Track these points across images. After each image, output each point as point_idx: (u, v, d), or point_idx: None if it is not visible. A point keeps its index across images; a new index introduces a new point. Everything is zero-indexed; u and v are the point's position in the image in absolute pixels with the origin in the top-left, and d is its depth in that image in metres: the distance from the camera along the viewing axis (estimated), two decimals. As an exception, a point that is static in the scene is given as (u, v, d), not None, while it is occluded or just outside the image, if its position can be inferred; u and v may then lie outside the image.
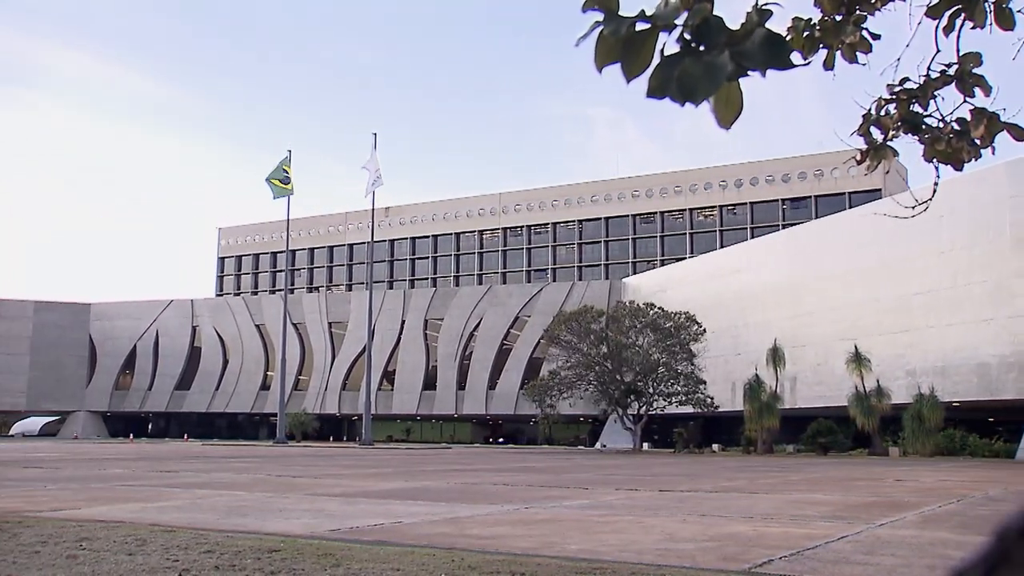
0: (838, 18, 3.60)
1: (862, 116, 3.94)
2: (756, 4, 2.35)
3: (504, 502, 13.44)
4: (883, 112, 3.88)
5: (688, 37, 1.95)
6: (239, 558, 7.09)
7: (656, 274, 73.72)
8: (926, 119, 3.83)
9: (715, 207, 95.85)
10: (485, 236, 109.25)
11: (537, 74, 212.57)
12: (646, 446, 57.72)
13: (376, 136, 60.95)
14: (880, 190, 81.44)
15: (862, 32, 3.61)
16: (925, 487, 18.65)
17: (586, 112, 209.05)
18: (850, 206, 74.66)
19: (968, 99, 3.72)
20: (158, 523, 9.75)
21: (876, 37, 3.64)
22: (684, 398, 53.69)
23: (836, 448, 48.21)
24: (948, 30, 3.54)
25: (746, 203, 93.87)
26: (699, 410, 54.25)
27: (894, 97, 3.85)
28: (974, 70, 3.67)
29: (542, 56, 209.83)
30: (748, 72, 1.96)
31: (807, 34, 3.63)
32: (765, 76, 1.98)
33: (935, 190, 4.18)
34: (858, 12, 3.60)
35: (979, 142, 3.71)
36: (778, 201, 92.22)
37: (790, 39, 3.58)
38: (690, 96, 1.89)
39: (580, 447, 67.91)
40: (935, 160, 3.80)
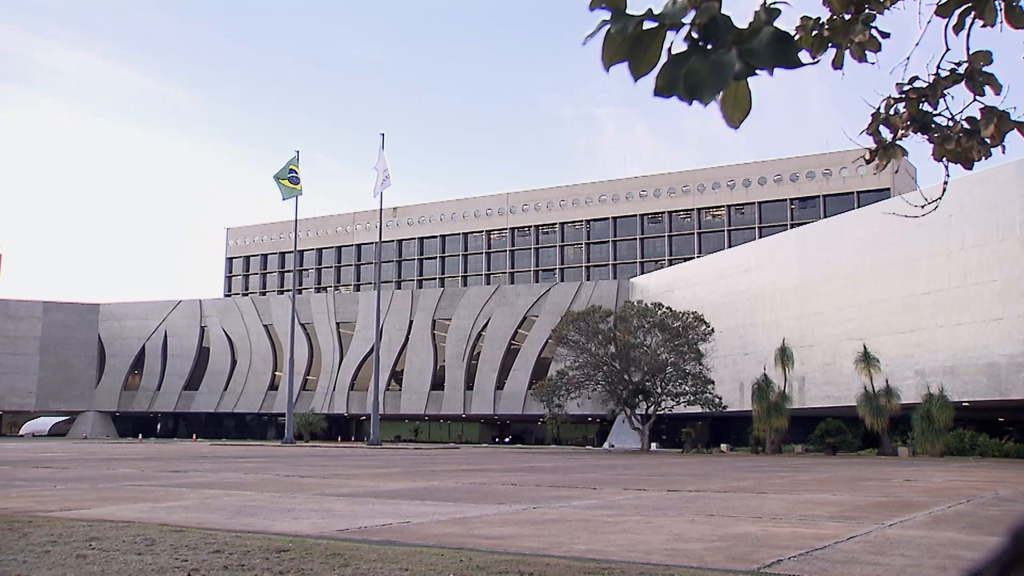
0: (847, 17, 3.58)
1: (871, 115, 3.92)
2: (764, 3, 2.34)
3: (512, 502, 13.44)
4: (892, 111, 3.86)
5: (695, 36, 1.95)
6: (248, 558, 7.10)
7: (664, 274, 73.60)
8: (936, 118, 3.81)
9: (723, 207, 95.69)
10: (493, 236, 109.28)
11: (545, 74, 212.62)
12: (654, 446, 57.65)
13: (384, 136, 61.04)
14: (889, 189, 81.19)
15: (871, 31, 3.59)
16: (934, 487, 18.58)
17: (594, 112, 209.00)
18: (859, 205, 74.53)
19: (978, 98, 3.70)
20: (167, 523, 9.78)
21: (885, 36, 3.62)
22: (692, 398, 53.61)
23: (845, 448, 48.08)
24: (958, 28, 3.53)
25: (754, 203, 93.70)
26: (707, 410, 54.16)
27: (903, 96, 3.83)
28: (984, 68, 3.65)
29: (550, 56, 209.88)
30: (756, 71, 1.95)
31: (816, 33, 3.62)
32: (773, 75, 1.98)
33: (945, 189, 4.16)
34: (867, 11, 3.58)
35: (989, 141, 3.69)
36: (786, 200, 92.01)
37: (799, 38, 3.57)
38: (697, 94, 1.89)
39: (588, 447, 67.87)
40: (945, 159, 3.78)
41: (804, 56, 3.52)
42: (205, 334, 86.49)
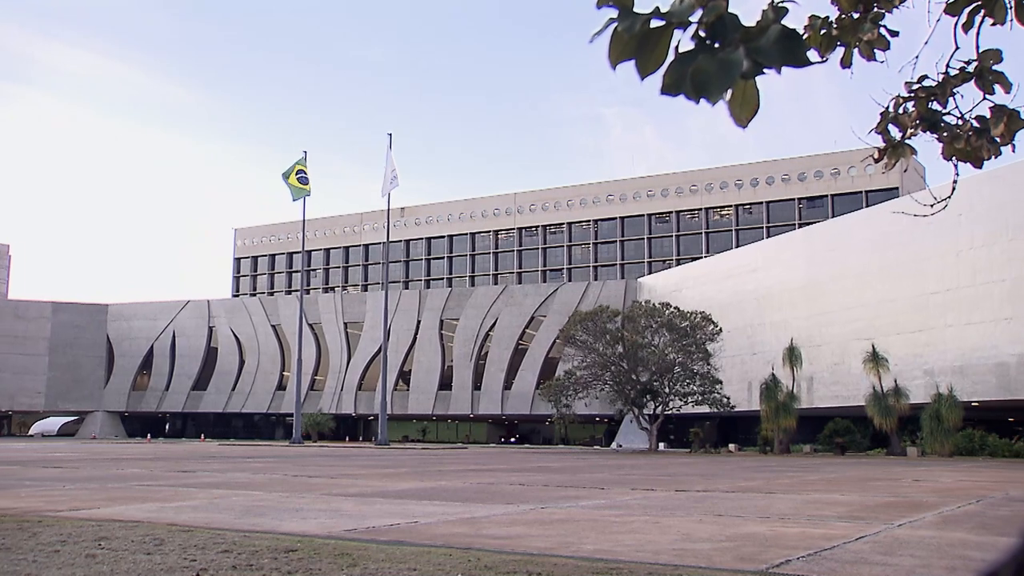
0: (856, 15, 3.57)
1: (880, 114, 3.91)
2: (772, 1, 2.34)
3: (520, 502, 13.43)
4: (901, 110, 3.84)
5: (703, 34, 1.94)
6: (256, 558, 7.11)
7: (672, 274, 73.52)
8: (945, 117, 3.79)
9: (731, 206, 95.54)
10: (500, 236, 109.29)
11: (552, 74, 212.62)
12: (662, 446, 57.58)
13: (391, 136, 61.02)
14: (897, 189, 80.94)
15: (880, 29, 3.58)
16: (944, 487, 18.51)
17: (601, 112, 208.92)
18: (867, 205, 74.34)
19: (988, 96, 3.68)
20: (175, 523, 9.80)
21: (894, 34, 3.61)
22: (700, 398, 53.52)
23: (854, 448, 47.95)
24: (967, 27, 3.51)
25: (762, 202, 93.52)
26: (715, 410, 54.06)
27: (912, 95, 3.82)
28: (994, 67, 3.63)
29: (557, 56, 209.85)
30: (764, 70, 1.94)
31: (824, 32, 3.60)
32: (781, 73, 1.97)
33: (954, 188, 4.14)
34: (876, 9, 3.57)
35: (999, 140, 3.67)
36: (794, 200, 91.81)
37: (807, 37, 3.56)
38: (704, 93, 1.88)
39: (596, 447, 67.83)
40: (954, 158, 3.76)
41: (812, 55, 3.51)
42: (213, 334, 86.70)
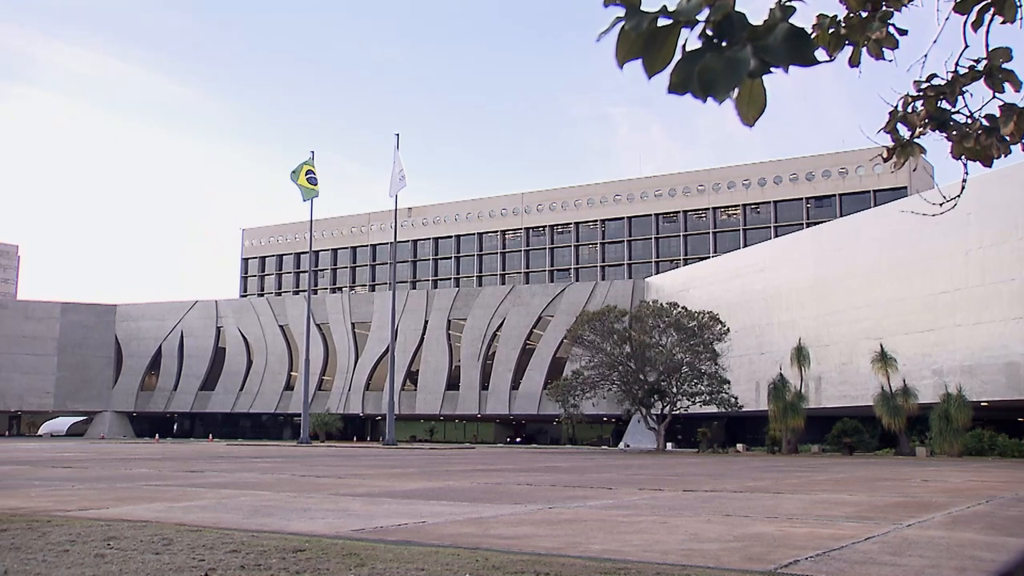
0: (864, 14, 3.56)
1: (889, 113, 3.89)
2: (779, 0, 2.33)
3: (528, 502, 13.43)
4: (910, 109, 3.83)
5: (710, 33, 1.94)
6: (264, 558, 7.12)
7: (679, 273, 73.42)
8: (954, 115, 3.78)
9: (738, 206, 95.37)
10: (508, 236, 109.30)
11: (559, 74, 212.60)
12: (670, 446, 57.52)
13: (399, 137, 61.05)
14: (906, 188, 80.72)
15: (889, 28, 3.56)
16: (953, 487, 18.44)
17: (608, 111, 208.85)
18: (875, 204, 74.08)
19: (997, 95, 3.66)
20: (184, 523, 9.82)
21: (903, 33, 3.59)
22: (708, 398, 53.44)
23: (862, 448, 47.81)
24: (977, 25, 3.49)
25: (770, 202, 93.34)
26: (723, 410, 53.98)
27: (921, 93, 3.80)
28: (1004, 65, 3.61)
29: (564, 56, 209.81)
30: (771, 69, 1.94)
31: (832, 31, 3.59)
32: (788, 72, 1.96)
33: (963, 187, 4.13)
34: (884, 8, 3.55)
35: (1008, 138, 3.66)
36: (802, 200, 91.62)
37: (816, 36, 3.54)
38: (711, 91, 1.88)
39: (603, 447, 67.78)
40: (964, 157, 3.75)
41: (821, 54, 3.50)
42: (221, 334, 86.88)
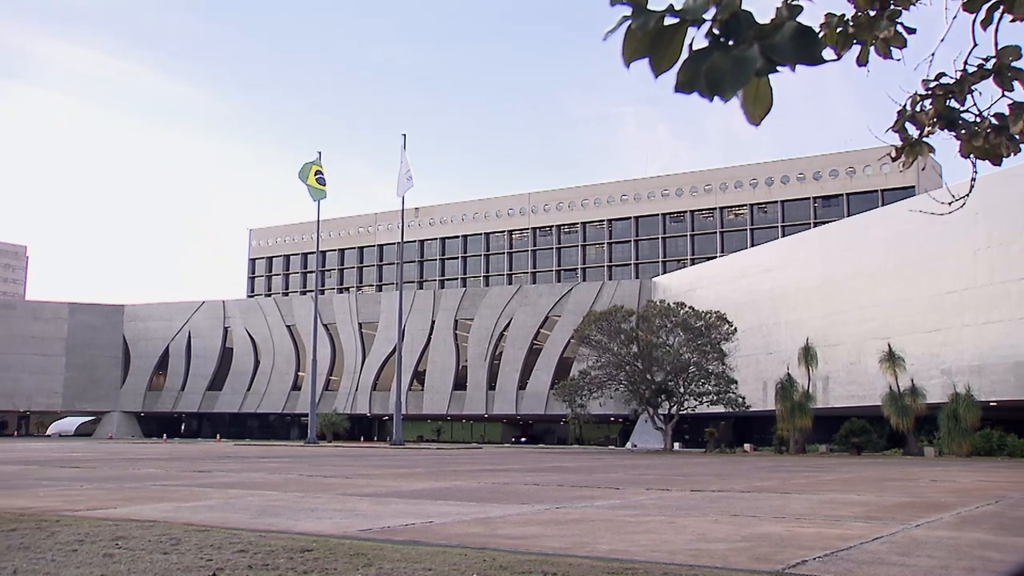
0: (872, 13, 3.54)
1: (897, 112, 3.88)
2: (787, -1, 2.32)
3: (535, 502, 13.42)
4: (918, 108, 3.81)
5: (716, 31, 1.93)
6: (272, 557, 7.13)
7: (686, 273, 73.33)
8: (963, 114, 3.76)
9: (746, 206, 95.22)
10: (514, 236, 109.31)
11: (565, 73, 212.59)
12: (677, 446, 57.45)
13: (405, 137, 61.06)
14: (914, 187, 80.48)
15: (897, 27, 3.55)
16: (962, 487, 18.38)
17: (615, 111, 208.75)
18: (883, 204, 73.87)
19: (1007, 93, 3.64)
20: (192, 522, 9.84)
21: (911, 31, 3.58)
22: (715, 397, 53.35)
23: (870, 448, 47.68)
24: (986, 23, 3.47)
25: (777, 201, 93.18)
26: (730, 410, 53.89)
27: (930, 92, 3.79)
28: (1013, 63, 3.60)
29: (570, 55, 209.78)
30: (778, 67, 1.93)
31: (840, 30, 3.58)
32: (795, 71, 1.96)
33: (972, 186, 4.11)
34: (892, 7, 3.54)
35: (1018, 137, 3.64)
36: (809, 199, 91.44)
37: (823, 36, 3.53)
38: (718, 90, 1.87)
39: (610, 447, 67.74)
40: (972, 156, 3.73)
41: (828, 53, 3.49)
42: (228, 335, 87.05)
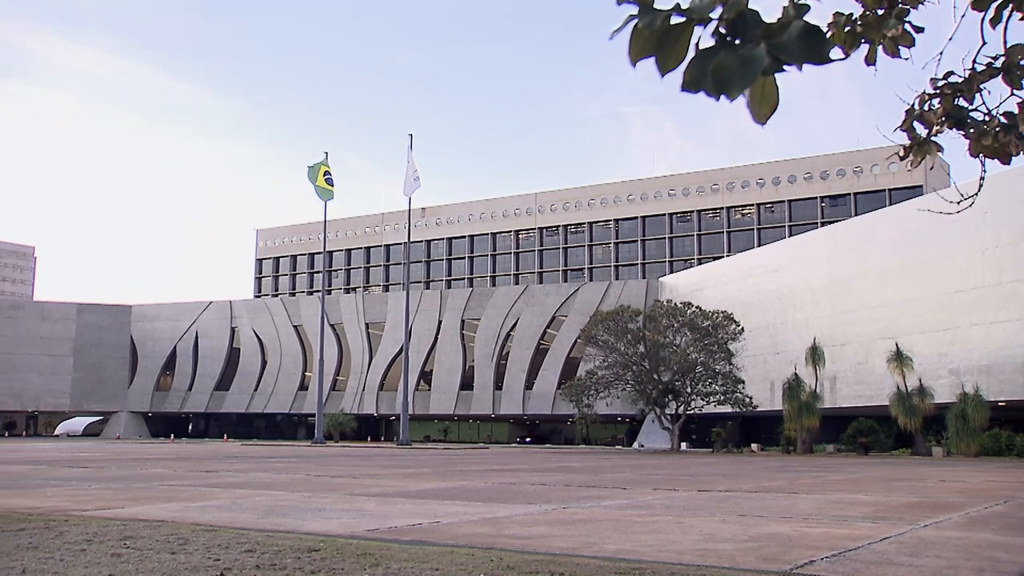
0: (880, 12, 3.53)
1: (905, 111, 3.86)
2: (794, -3, 2.31)
3: (542, 502, 13.42)
4: (927, 107, 3.80)
5: (723, 31, 1.93)
6: (279, 557, 7.14)
7: (693, 273, 73.25)
8: (972, 113, 3.74)
9: (753, 205, 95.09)
10: (521, 236, 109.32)
11: (572, 72, 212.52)
12: (684, 446, 57.39)
13: (412, 137, 61.07)
14: (921, 187, 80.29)
15: (905, 25, 3.53)
16: (970, 488, 18.32)
17: (621, 110, 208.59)
18: (890, 203, 73.70)
19: (1016, 92, 3.63)
20: (199, 522, 9.86)
21: (919, 30, 3.56)
22: (722, 397, 53.28)
23: (878, 448, 47.57)
24: (995, 22, 3.46)
25: (784, 201, 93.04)
26: (737, 409, 53.82)
27: (938, 91, 3.77)
28: (1022, 62, 3.58)
29: (577, 54, 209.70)
30: (784, 66, 1.93)
31: (848, 29, 3.57)
32: (801, 70, 1.95)
33: (981, 185, 4.09)
34: (900, 5, 3.53)
35: (1027, 135, 3.62)
36: (817, 199, 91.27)
37: (831, 35, 3.52)
38: (725, 89, 1.87)
39: (617, 447, 67.70)
40: (981, 155, 3.71)
41: (836, 52, 3.48)
42: (235, 335, 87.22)
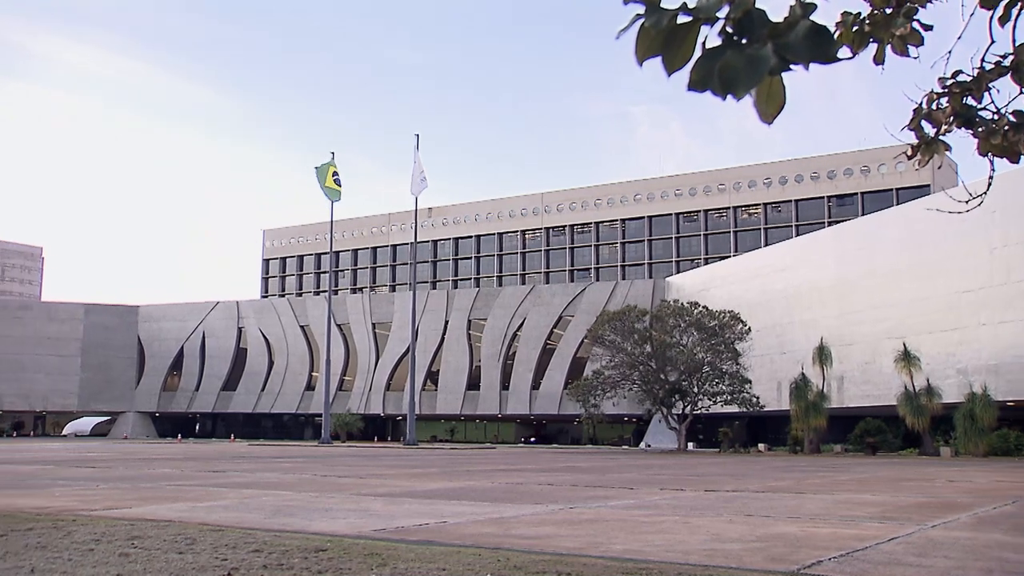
0: (888, 11, 3.52)
1: (913, 110, 3.85)
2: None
3: (549, 502, 13.42)
4: (935, 106, 3.78)
5: (730, 30, 1.92)
6: (286, 557, 7.15)
7: (700, 273, 73.16)
8: (980, 112, 3.73)
9: (759, 205, 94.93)
10: (528, 236, 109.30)
11: (578, 72, 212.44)
12: (691, 446, 57.33)
13: (418, 137, 61.11)
14: (929, 186, 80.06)
15: (913, 24, 3.52)
16: (978, 488, 18.26)
17: (628, 110, 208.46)
18: (898, 203, 73.52)
19: (1025, 90, 3.61)
20: (207, 522, 9.88)
21: (928, 28, 3.55)
22: (729, 397, 53.20)
23: (885, 448, 47.45)
24: (1004, 20, 3.45)
25: (791, 200, 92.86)
26: (744, 409, 53.73)
27: (947, 90, 3.75)
28: (1031, 60, 3.57)
29: (583, 54, 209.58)
30: (791, 66, 1.92)
31: (856, 29, 3.55)
32: (808, 69, 1.95)
33: (990, 184, 4.08)
34: (909, 4, 3.51)
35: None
36: (824, 198, 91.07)
37: (839, 35, 3.51)
38: (731, 89, 1.86)
39: (624, 447, 67.65)
40: (990, 154, 3.70)
41: (843, 51, 3.47)
42: (242, 335, 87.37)
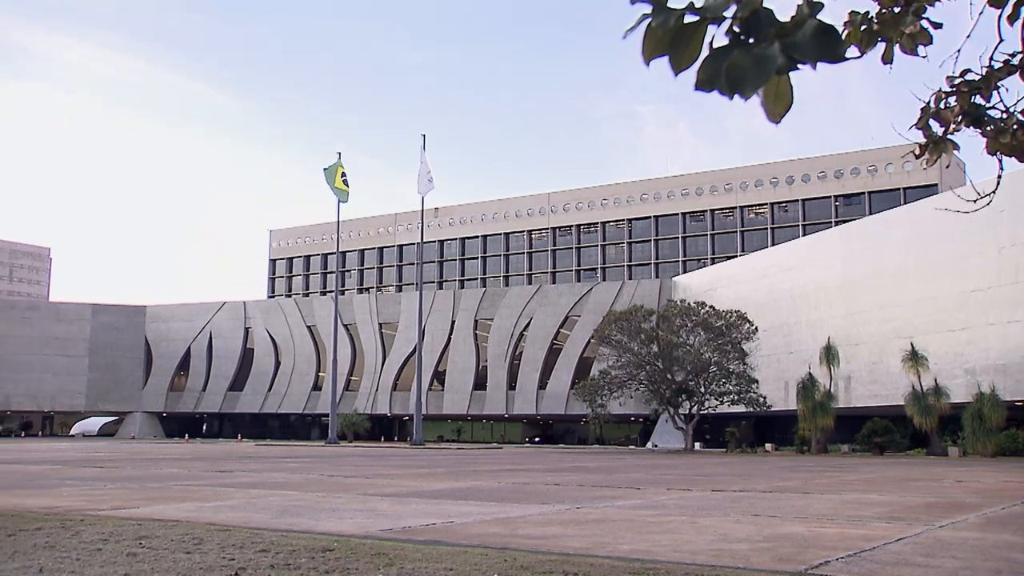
0: (897, 9, 3.50)
1: (921, 109, 3.84)
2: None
3: (556, 502, 13.41)
4: (943, 105, 3.77)
5: (737, 30, 1.92)
6: (293, 557, 7.16)
7: (707, 272, 73.07)
8: (989, 111, 3.72)
9: (766, 204, 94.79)
10: (534, 236, 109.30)
11: (585, 72, 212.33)
12: (698, 446, 57.26)
13: (425, 137, 61.15)
14: (936, 185, 79.85)
15: (922, 22, 3.51)
16: (987, 488, 18.20)
17: (635, 109, 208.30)
18: (905, 202, 73.36)
19: (1034, 89, 3.60)
20: (214, 522, 9.89)
21: (937, 26, 3.53)
22: (736, 397, 53.13)
23: (893, 448, 47.34)
24: (1012, 18, 3.43)
25: (798, 200, 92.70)
26: (751, 409, 53.65)
27: (955, 89, 3.74)
28: (1039, 59, 3.55)
29: (590, 54, 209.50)
30: (798, 65, 1.92)
31: (864, 28, 3.54)
32: (816, 69, 1.95)
33: (999, 183, 4.07)
34: (917, 2, 3.50)
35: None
36: (831, 198, 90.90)
37: (848, 34, 3.50)
38: (739, 88, 1.86)
39: (631, 447, 67.60)
40: (999, 153, 3.69)
41: (852, 51, 3.46)
42: (249, 335, 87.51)
